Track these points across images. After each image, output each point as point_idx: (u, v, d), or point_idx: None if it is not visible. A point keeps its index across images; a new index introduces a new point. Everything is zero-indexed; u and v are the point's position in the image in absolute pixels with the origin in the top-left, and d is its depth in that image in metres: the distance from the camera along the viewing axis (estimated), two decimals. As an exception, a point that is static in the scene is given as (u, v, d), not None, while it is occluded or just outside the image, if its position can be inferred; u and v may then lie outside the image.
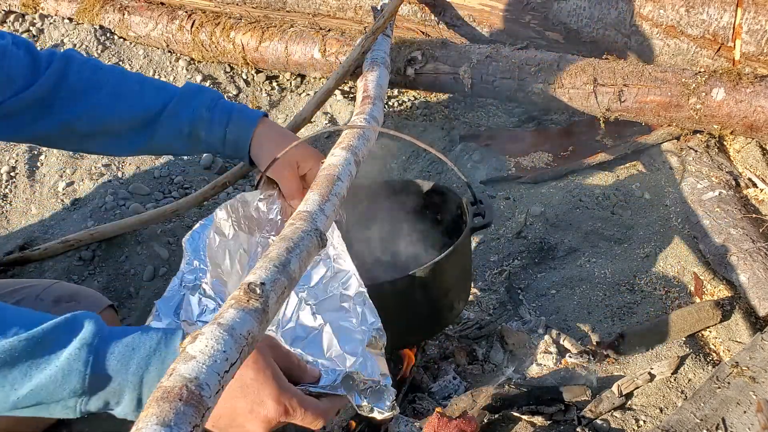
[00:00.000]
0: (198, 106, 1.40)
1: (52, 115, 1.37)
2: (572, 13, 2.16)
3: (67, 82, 1.37)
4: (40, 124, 1.38)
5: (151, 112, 1.40)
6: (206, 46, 2.51)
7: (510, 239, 1.87)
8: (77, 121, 1.39)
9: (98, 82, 1.39)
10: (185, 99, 1.41)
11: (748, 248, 1.62)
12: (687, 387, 1.42)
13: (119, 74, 1.43)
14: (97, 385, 0.88)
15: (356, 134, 1.29)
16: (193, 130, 1.41)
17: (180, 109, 1.40)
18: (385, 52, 1.81)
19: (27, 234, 1.91)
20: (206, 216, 1.84)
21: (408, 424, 1.32)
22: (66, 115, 1.38)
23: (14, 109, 1.34)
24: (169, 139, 1.42)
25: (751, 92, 1.85)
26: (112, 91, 1.39)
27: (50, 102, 1.36)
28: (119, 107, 1.40)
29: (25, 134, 1.42)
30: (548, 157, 2.16)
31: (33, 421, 1.34)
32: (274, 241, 0.90)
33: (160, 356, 0.89)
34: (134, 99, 1.40)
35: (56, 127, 1.39)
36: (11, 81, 1.33)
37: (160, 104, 1.40)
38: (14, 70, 1.33)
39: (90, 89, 1.39)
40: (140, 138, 1.43)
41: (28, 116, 1.37)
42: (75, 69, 1.38)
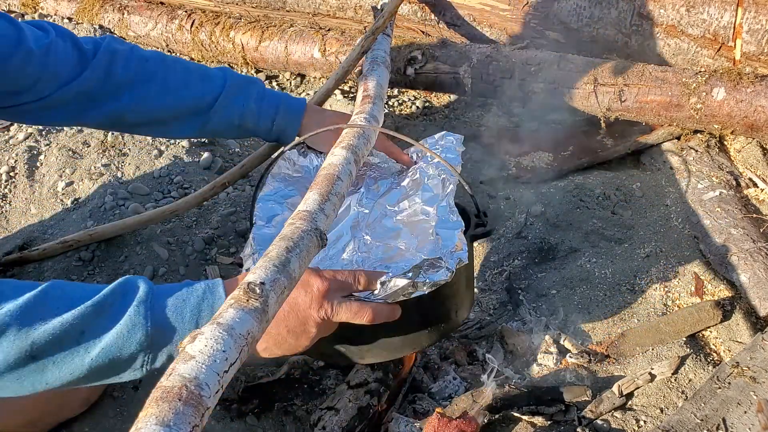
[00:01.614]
0: (246, 99, 1.49)
1: (99, 107, 1.42)
2: (572, 13, 2.16)
3: (114, 75, 1.41)
4: (88, 114, 1.43)
5: (198, 103, 1.47)
6: (206, 45, 2.51)
7: (510, 239, 1.86)
8: (125, 113, 1.45)
9: (145, 75, 1.44)
10: (233, 92, 1.48)
11: (749, 248, 1.62)
12: (687, 387, 1.41)
13: (164, 64, 1.47)
14: (159, 337, 0.98)
15: (356, 133, 1.29)
16: (242, 123, 1.50)
17: (229, 102, 1.48)
18: (386, 51, 1.81)
19: (26, 234, 1.91)
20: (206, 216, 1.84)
21: (408, 424, 1.32)
22: (113, 107, 1.43)
23: (60, 100, 1.38)
24: (219, 129, 1.52)
25: (752, 92, 1.85)
26: (159, 84, 1.45)
27: (96, 95, 1.41)
28: (166, 99, 1.46)
29: (72, 122, 1.49)
30: (548, 157, 2.16)
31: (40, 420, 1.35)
32: (274, 241, 0.90)
33: (208, 303, 1.00)
34: (181, 91, 1.46)
35: (104, 117, 1.45)
36: (56, 76, 1.37)
37: (209, 96, 1.47)
38: (60, 64, 1.36)
39: (137, 82, 1.43)
40: (189, 127, 1.51)
41: (74, 107, 1.41)
42: (121, 62, 1.42)
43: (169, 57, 1.53)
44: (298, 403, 1.45)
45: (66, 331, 0.93)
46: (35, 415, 1.33)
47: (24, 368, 0.94)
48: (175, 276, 1.77)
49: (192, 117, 1.48)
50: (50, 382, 0.96)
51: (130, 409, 1.44)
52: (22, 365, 0.93)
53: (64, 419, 1.38)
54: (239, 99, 1.48)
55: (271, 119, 1.50)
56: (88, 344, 0.94)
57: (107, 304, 0.96)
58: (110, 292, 0.97)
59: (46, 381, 0.95)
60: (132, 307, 0.96)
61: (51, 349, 0.93)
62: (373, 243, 1.28)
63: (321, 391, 1.46)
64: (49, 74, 1.35)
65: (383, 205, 1.40)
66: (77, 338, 0.94)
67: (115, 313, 0.96)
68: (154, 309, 0.98)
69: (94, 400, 1.41)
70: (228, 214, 1.96)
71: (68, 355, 0.94)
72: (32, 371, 0.94)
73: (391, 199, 1.41)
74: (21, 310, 0.93)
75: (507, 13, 2.24)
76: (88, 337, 0.94)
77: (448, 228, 1.27)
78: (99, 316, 0.95)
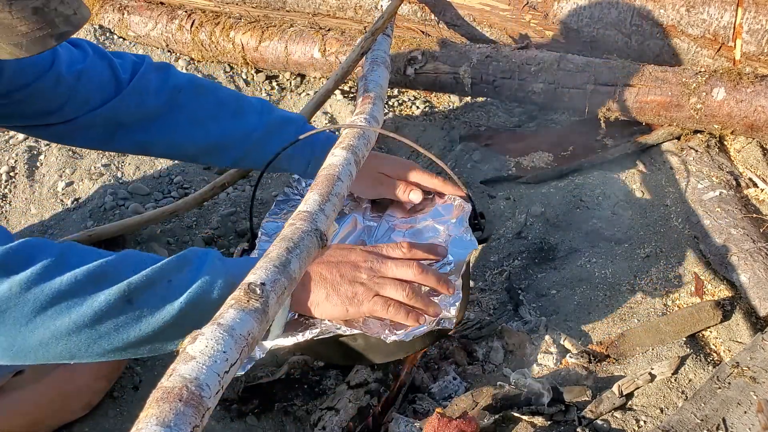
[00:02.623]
0: (281, 142, 1.39)
1: (126, 134, 1.42)
2: (572, 13, 2.16)
3: (144, 106, 1.40)
4: (115, 140, 1.43)
5: (227, 141, 1.44)
6: (206, 45, 2.51)
7: (510, 239, 1.86)
8: (152, 144, 1.44)
9: (175, 106, 1.41)
10: (268, 133, 1.44)
11: (749, 248, 1.62)
12: (687, 387, 1.41)
13: (195, 95, 1.44)
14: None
15: (356, 134, 1.29)
16: (276, 162, 1.42)
17: (262, 143, 1.43)
18: (386, 51, 1.81)
19: (26, 234, 1.91)
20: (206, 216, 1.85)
21: (408, 424, 1.32)
22: (141, 137, 1.42)
23: (87, 124, 1.38)
24: (252, 165, 1.52)
25: (752, 92, 1.85)
26: (188, 117, 1.42)
27: (125, 123, 1.40)
28: (194, 133, 1.43)
29: (99, 146, 1.51)
30: (548, 157, 2.16)
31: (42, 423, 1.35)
32: (274, 242, 0.91)
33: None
34: (209, 125, 1.43)
35: (132, 145, 1.45)
36: (87, 101, 1.37)
37: (239, 133, 1.44)
38: (93, 89, 1.37)
39: (165, 114, 1.41)
40: (220, 160, 1.51)
41: (101, 131, 1.41)
42: (153, 92, 1.40)
43: (206, 85, 1.48)
44: (298, 403, 1.45)
45: (157, 277, 1.01)
46: (37, 417, 1.33)
47: (121, 315, 0.98)
48: (175, 276, 1.77)
49: (221, 152, 1.46)
50: (144, 330, 1.00)
51: (130, 409, 1.44)
52: (120, 310, 0.98)
53: (66, 422, 1.38)
54: (274, 141, 1.42)
55: (307, 161, 1.46)
56: (176, 290, 1.01)
57: (188, 259, 1.05)
58: (188, 251, 1.07)
59: (141, 328, 1.00)
60: (211, 260, 1.06)
61: (145, 294, 0.99)
62: None
63: (321, 391, 1.46)
64: (80, 98, 1.36)
65: (392, 217, 1.40)
66: (166, 285, 1.01)
67: (197, 265, 1.04)
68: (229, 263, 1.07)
69: (96, 403, 1.41)
70: (228, 214, 1.96)
71: (160, 301, 1.00)
72: (129, 317, 0.99)
73: (399, 211, 1.41)
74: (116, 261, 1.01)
75: (507, 13, 2.24)
76: (175, 284, 1.01)
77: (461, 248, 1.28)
78: (182, 268, 1.03)
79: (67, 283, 0.96)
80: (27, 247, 0.99)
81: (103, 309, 0.97)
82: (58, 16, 0.96)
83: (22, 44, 0.95)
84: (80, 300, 0.96)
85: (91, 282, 0.97)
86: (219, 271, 1.04)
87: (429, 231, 1.35)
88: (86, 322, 0.97)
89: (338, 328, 1.15)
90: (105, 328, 0.98)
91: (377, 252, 1.18)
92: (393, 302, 1.15)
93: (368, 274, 1.14)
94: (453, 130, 2.30)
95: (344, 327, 1.15)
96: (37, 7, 0.93)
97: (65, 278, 0.96)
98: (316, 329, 1.15)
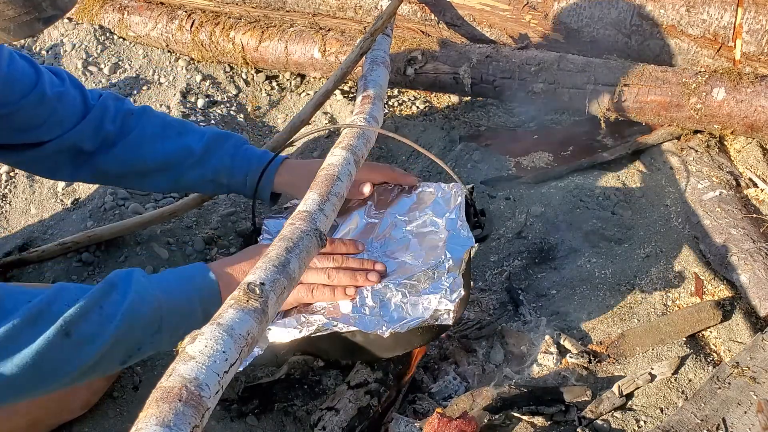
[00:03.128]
0: (221, 154, 1.49)
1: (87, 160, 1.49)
2: (572, 13, 2.16)
3: (102, 130, 1.47)
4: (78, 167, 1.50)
5: (171, 158, 1.49)
6: (206, 45, 2.51)
7: (510, 239, 1.86)
8: (109, 165, 1.50)
9: (127, 128, 1.49)
10: (208, 147, 1.49)
11: (749, 248, 1.62)
12: (687, 387, 1.41)
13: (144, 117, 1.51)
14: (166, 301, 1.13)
15: (356, 134, 1.29)
16: (216, 178, 1.51)
17: (203, 157, 1.49)
18: (385, 51, 1.81)
19: (26, 234, 1.91)
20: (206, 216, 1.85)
21: (408, 424, 1.32)
22: (99, 160, 1.49)
23: (56, 149, 1.44)
24: (194, 183, 1.54)
25: (752, 92, 1.85)
26: (137, 136, 1.49)
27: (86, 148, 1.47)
28: (142, 151, 1.49)
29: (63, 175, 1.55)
30: (548, 157, 2.16)
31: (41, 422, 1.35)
32: (274, 241, 0.90)
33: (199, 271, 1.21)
34: (156, 143, 1.49)
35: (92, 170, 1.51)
36: (61, 123, 1.43)
37: (183, 150, 1.49)
38: (67, 113, 1.43)
39: (119, 135, 1.48)
40: (166, 180, 1.54)
41: (66, 158, 1.48)
42: (110, 117, 1.48)
43: (155, 111, 1.56)
44: (298, 403, 1.45)
45: (88, 307, 1.04)
46: (36, 417, 1.33)
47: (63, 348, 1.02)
48: (175, 276, 1.77)
49: (167, 170, 1.50)
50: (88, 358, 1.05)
51: (130, 409, 1.44)
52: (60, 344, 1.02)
53: (65, 421, 1.38)
54: (214, 154, 1.49)
55: (244, 174, 1.50)
56: (109, 314, 1.05)
57: (114, 283, 1.09)
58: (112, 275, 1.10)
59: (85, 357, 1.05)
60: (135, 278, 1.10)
61: (80, 324, 1.03)
62: (382, 257, 1.29)
63: (321, 391, 1.46)
64: (56, 120, 1.42)
65: (393, 215, 1.41)
66: (98, 312, 1.05)
67: (124, 287, 1.08)
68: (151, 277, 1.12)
69: (94, 403, 1.41)
70: (228, 214, 1.96)
71: (96, 327, 1.04)
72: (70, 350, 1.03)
73: (401, 208, 1.42)
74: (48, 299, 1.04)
75: (507, 13, 2.23)
76: (107, 309, 1.05)
77: (458, 245, 1.28)
78: (110, 293, 1.07)
79: (4, 331, 0.99)
80: None
81: (44, 347, 1.01)
82: (45, 0, 0.97)
83: (9, 29, 0.96)
84: (20, 344, 1.00)
85: (28, 325, 1.01)
86: (145, 286, 1.09)
87: (430, 225, 1.35)
88: (29, 363, 1.00)
89: (334, 325, 1.16)
90: (48, 365, 1.02)
91: None
92: (316, 285, 1.21)
93: None
94: (453, 130, 2.30)
95: (341, 324, 1.16)
96: None
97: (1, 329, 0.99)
98: (313, 326, 1.16)
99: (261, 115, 2.43)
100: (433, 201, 1.42)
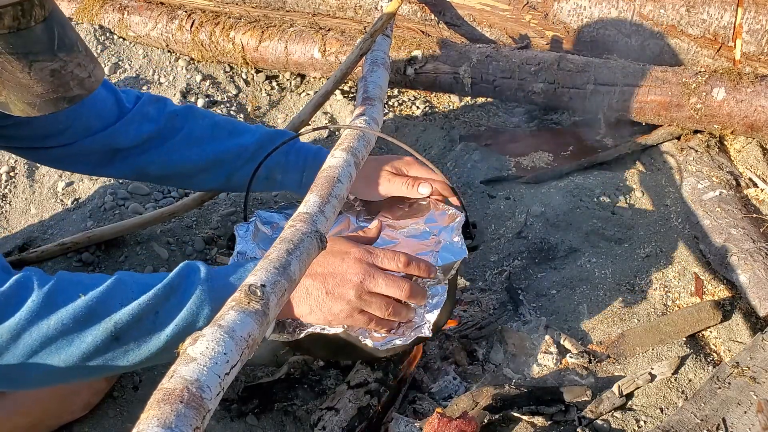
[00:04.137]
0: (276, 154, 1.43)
1: (123, 159, 1.46)
2: (572, 13, 2.16)
3: (143, 133, 1.43)
4: (112, 166, 1.47)
5: (224, 156, 1.46)
6: (206, 45, 2.51)
7: (510, 239, 1.86)
8: (148, 166, 1.47)
9: (171, 129, 1.45)
10: (263, 146, 1.45)
11: (749, 248, 1.62)
12: (687, 387, 1.42)
13: (191, 117, 1.48)
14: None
15: (356, 135, 1.29)
16: (270, 174, 1.48)
17: (258, 155, 1.44)
18: (385, 52, 1.81)
19: (26, 234, 1.91)
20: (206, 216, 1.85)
21: (408, 424, 1.32)
22: (138, 161, 1.45)
23: (86, 149, 1.42)
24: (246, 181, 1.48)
25: (752, 92, 1.85)
26: (185, 137, 1.45)
27: (123, 149, 1.44)
28: (191, 152, 1.46)
29: (95, 171, 1.53)
30: (548, 157, 2.16)
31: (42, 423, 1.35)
32: (274, 243, 0.91)
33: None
34: (206, 144, 1.46)
35: (129, 169, 1.48)
36: (89, 127, 1.40)
37: (236, 148, 1.46)
38: (96, 116, 1.40)
39: (163, 137, 1.45)
40: (215, 178, 1.50)
41: (98, 157, 1.45)
42: (152, 120, 1.44)
43: (202, 111, 1.53)
44: (298, 403, 1.45)
45: (143, 312, 1.01)
46: (37, 418, 1.33)
47: (109, 350, 1.01)
48: (176, 276, 1.77)
49: (217, 168, 1.47)
50: (131, 361, 1.04)
51: (130, 409, 1.44)
52: (107, 347, 1.01)
53: (66, 422, 1.38)
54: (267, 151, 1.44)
55: (301, 171, 1.48)
56: (162, 322, 1.02)
57: (175, 286, 1.05)
58: (176, 275, 1.06)
59: (128, 360, 1.04)
60: (197, 287, 1.05)
61: (131, 330, 1.01)
62: None
63: (321, 391, 1.46)
64: (81, 124, 1.39)
65: (386, 217, 1.41)
66: (153, 318, 1.02)
67: (183, 293, 1.04)
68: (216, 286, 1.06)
69: (95, 404, 1.41)
70: (228, 214, 1.96)
71: (146, 334, 1.02)
72: (116, 352, 1.02)
73: (393, 214, 1.42)
74: (103, 296, 1.01)
75: (507, 13, 2.24)
76: (162, 316, 1.03)
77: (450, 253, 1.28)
78: (169, 297, 1.04)
79: (55, 327, 0.99)
80: (16, 288, 1.01)
81: (90, 349, 1.00)
82: (73, 79, 0.99)
83: (35, 104, 0.97)
84: (68, 342, 1.00)
85: (78, 323, 1.00)
86: (205, 297, 1.05)
87: (421, 234, 1.36)
88: (75, 361, 1.00)
89: (323, 328, 1.17)
90: (93, 363, 1.02)
91: (372, 261, 1.15)
92: (375, 318, 1.17)
93: (356, 290, 1.13)
94: (453, 130, 2.30)
95: (328, 327, 1.17)
96: (55, 70, 0.95)
97: (52, 322, 0.99)
98: (304, 328, 1.17)
99: (261, 115, 2.43)
100: (428, 213, 1.41)
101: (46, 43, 0.95)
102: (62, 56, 0.97)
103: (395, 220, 1.42)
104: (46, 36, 0.95)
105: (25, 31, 0.93)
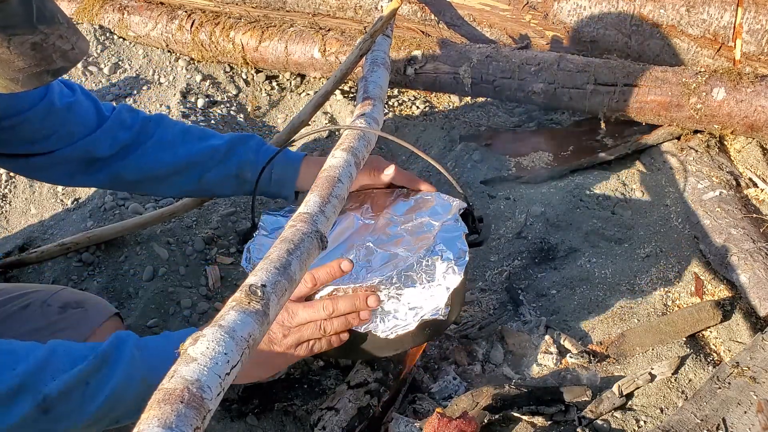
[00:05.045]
0: (245, 150, 1.49)
1: (100, 168, 1.47)
2: (572, 13, 2.16)
3: (119, 140, 1.46)
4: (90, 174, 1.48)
5: (194, 158, 1.48)
6: (206, 45, 2.51)
7: (510, 239, 1.86)
8: (124, 171, 1.48)
9: (144, 134, 1.48)
10: (230, 145, 1.49)
11: (749, 248, 1.62)
12: (687, 387, 1.42)
13: (162, 124, 1.51)
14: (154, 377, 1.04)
15: (357, 136, 1.29)
16: (240, 173, 1.49)
17: (226, 154, 1.48)
18: (385, 52, 1.81)
19: (26, 234, 1.91)
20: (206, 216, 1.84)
21: (408, 424, 1.32)
22: (114, 167, 1.47)
23: (66, 157, 1.43)
24: (217, 182, 1.52)
25: (752, 92, 1.85)
26: (157, 141, 1.48)
27: (100, 156, 1.46)
28: (163, 155, 1.48)
29: (74, 181, 1.54)
30: (548, 157, 2.16)
31: None
32: (275, 243, 0.91)
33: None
34: (177, 147, 1.48)
35: (106, 176, 1.50)
36: (72, 134, 1.42)
37: (206, 150, 1.48)
38: (78, 124, 1.42)
39: (137, 143, 1.47)
40: (187, 181, 1.51)
41: (76, 165, 1.46)
42: (126, 126, 1.47)
43: (171, 119, 1.57)
44: (298, 403, 1.45)
45: (75, 383, 1.00)
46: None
47: (37, 424, 0.99)
48: (175, 276, 1.77)
49: (190, 170, 1.49)
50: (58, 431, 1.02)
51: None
52: (35, 420, 0.99)
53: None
54: (237, 150, 1.48)
55: (269, 169, 1.49)
56: (93, 393, 1.01)
57: (106, 357, 1.03)
58: (108, 345, 1.05)
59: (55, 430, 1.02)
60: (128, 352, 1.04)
61: (61, 403, 0.99)
62: (374, 248, 1.29)
63: (321, 391, 1.46)
64: (66, 131, 1.41)
65: (390, 214, 1.41)
66: (83, 389, 1.01)
67: (113, 363, 1.03)
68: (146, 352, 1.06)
69: None
70: (228, 214, 1.96)
71: (77, 406, 1.01)
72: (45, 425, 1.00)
73: (399, 209, 1.42)
74: (33, 369, 1.00)
75: (507, 13, 2.24)
76: (93, 387, 1.01)
77: (450, 232, 1.28)
78: (100, 368, 1.02)
79: None
80: None
81: (17, 423, 0.98)
82: (55, 52, 0.97)
83: (18, 79, 0.95)
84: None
85: (9, 396, 0.98)
86: (137, 366, 1.04)
87: (425, 227, 1.35)
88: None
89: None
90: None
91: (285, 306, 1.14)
92: (314, 341, 1.18)
93: (282, 333, 1.14)
94: (453, 130, 2.30)
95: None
96: (36, 43, 0.93)
97: None
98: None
99: (261, 115, 2.43)
100: (431, 207, 1.41)
101: (23, 16, 0.93)
102: (42, 29, 0.95)
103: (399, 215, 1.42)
104: (22, 8, 0.93)
105: (2, 4, 0.90)
